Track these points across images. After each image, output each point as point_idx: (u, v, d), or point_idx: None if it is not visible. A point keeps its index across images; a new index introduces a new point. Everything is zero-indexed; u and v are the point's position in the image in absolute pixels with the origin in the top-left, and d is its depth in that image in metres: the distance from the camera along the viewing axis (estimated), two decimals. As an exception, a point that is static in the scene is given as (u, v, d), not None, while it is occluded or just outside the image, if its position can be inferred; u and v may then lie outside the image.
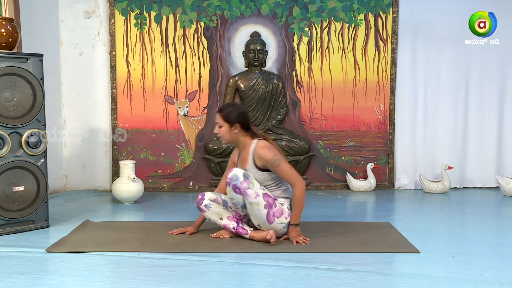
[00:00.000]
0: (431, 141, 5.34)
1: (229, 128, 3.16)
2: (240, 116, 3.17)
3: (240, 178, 3.02)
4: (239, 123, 3.15)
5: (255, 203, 3.03)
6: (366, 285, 2.42)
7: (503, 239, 3.35)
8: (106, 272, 2.67)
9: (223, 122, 3.17)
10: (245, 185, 3.01)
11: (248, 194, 3.02)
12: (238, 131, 3.16)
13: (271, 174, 3.15)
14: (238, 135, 3.18)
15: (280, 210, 3.10)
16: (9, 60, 3.34)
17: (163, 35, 5.12)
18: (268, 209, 3.05)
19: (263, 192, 3.05)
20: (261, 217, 3.06)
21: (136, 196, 4.54)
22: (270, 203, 3.05)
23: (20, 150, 3.40)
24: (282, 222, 3.11)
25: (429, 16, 5.21)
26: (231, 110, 3.18)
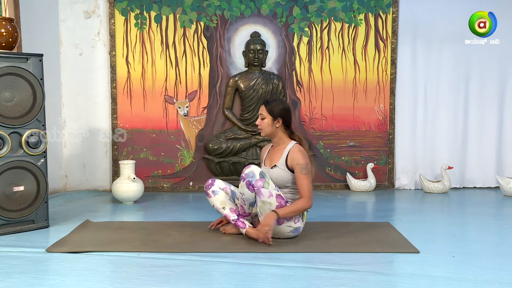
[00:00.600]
0: (431, 141, 5.34)
1: (271, 121, 3.22)
2: (285, 111, 3.23)
3: (256, 176, 3.04)
4: (282, 118, 3.21)
5: (268, 202, 3.04)
6: (366, 285, 2.42)
7: (503, 239, 3.35)
8: (106, 272, 2.67)
9: (267, 114, 3.23)
10: (260, 183, 3.03)
11: (262, 192, 3.03)
12: (280, 126, 3.22)
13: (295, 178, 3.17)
14: (279, 130, 3.23)
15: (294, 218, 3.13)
16: (9, 60, 3.34)
17: (163, 35, 5.12)
18: (281, 207, 3.06)
19: (277, 193, 3.06)
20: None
21: (136, 196, 4.54)
22: (282, 204, 3.06)
23: (20, 150, 3.40)
24: (290, 226, 3.12)
25: (429, 16, 5.21)
26: (277, 104, 3.24)
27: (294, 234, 3.18)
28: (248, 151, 5.19)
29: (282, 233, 3.13)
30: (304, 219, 3.21)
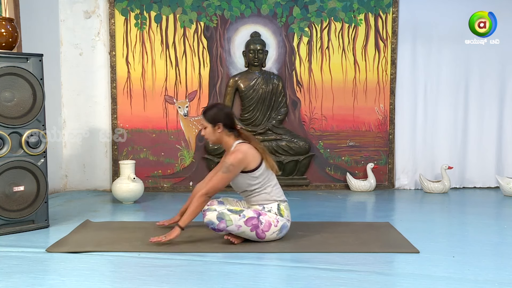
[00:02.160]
0: (431, 141, 5.34)
1: (212, 129, 3.15)
2: (222, 115, 3.15)
3: (215, 222, 3.00)
4: (221, 122, 3.13)
5: (241, 232, 3.04)
6: (366, 285, 2.42)
7: (503, 239, 3.35)
8: (106, 272, 2.67)
9: (206, 123, 3.17)
10: (223, 225, 3.00)
11: (230, 230, 3.03)
12: (222, 131, 3.15)
13: (254, 176, 3.11)
14: (222, 134, 3.16)
15: (268, 224, 3.07)
16: (9, 60, 3.34)
17: (163, 35, 5.12)
18: (255, 230, 3.04)
19: (244, 220, 3.02)
20: (252, 237, 3.07)
21: (136, 196, 4.54)
22: (255, 224, 3.04)
23: (20, 150, 3.40)
24: (273, 232, 3.10)
25: (429, 16, 5.21)
26: (213, 110, 3.17)
27: (283, 233, 3.15)
28: (248, 151, 5.19)
29: (272, 239, 3.12)
30: (284, 213, 3.15)
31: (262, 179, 3.13)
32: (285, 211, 3.18)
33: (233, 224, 3.01)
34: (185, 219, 3.03)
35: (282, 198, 3.21)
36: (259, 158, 3.12)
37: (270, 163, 3.18)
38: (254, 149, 3.13)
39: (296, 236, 3.27)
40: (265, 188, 3.15)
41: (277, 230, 3.10)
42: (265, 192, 3.15)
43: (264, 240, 3.09)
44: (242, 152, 3.07)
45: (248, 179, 3.12)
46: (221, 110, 3.19)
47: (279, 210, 3.15)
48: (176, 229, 3.04)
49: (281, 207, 3.16)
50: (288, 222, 3.18)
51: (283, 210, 3.16)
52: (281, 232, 3.13)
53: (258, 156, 3.13)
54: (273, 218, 3.10)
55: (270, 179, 3.17)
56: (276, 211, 3.14)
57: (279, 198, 3.18)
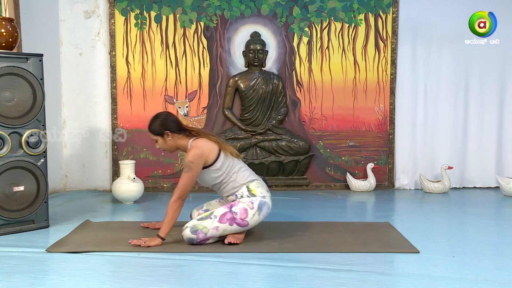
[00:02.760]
0: (431, 141, 5.34)
1: (162, 139, 3.16)
2: (165, 123, 3.14)
3: (193, 236, 3.01)
4: (166, 130, 3.13)
5: (223, 231, 3.03)
6: (366, 285, 2.42)
7: (503, 239, 3.35)
8: (106, 272, 2.67)
9: (154, 137, 3.18)
10: (202, 235, 3.01)
11: (212, 235, 3.03)
12: (172, 137, 3.15)
13: (216, 168, 3.10)
14: (174, 140, 3.17)
15: (243, 210, 3.06)
16: (9, 60, 3.34)
17: (163, 35, 5.12)
18: (233, 222, 3.04)
19: (217, 220, 3.02)
20: (237, 230, 3.07)
21: (136, 196, 4.54)
22: (230, 218, 3.03)
23: (20, 150, 3.40)
24: (253, 214, 3.07)
25: (429, 16, 5.21)
26: (155, 122, 3.16)
27: (265, 211, 3.11)
28: (248, 151, 5.19)
29: (257, 223, 3.11)
30: (255, 192, 3.11)
31: (224, 169, 3.13)
32: (257, 189, 3.14)
33: (210, 229, 3.01)
34: (164, 229, 3.04)
35: (250, 178, 3.17)
36: (216, 149, 3.12)
37: (229, 150, 3.18)
38: (209, 141, 3.14)
39: (296, 236, 3.27)
40: (231, 177, 3.14)
41: (256, 211, 3.08)
42: (232, 180, 3.14)
43: (250, 226, 3.08)
44: (198, 147, 3.08)
45: (211, 173, 3.12)
46: (162, 119, 3.17)
47: (250, 191, 3.12)
48: (156, 239, 3.04)
49: (250, 187, 3.13)
50: (264, 198, 3.13)
51: (253, 189, 3.13)
52: (261, 211, 3.10)
53: (215, 147, 3.13)
54: (246, 202, 3.09)
55: (233, 166, 3.16)
56: (247, 193, 3.12)
57: (246, 180, 3.15)
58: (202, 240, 3.02)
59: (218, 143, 3.16)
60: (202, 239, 3.02)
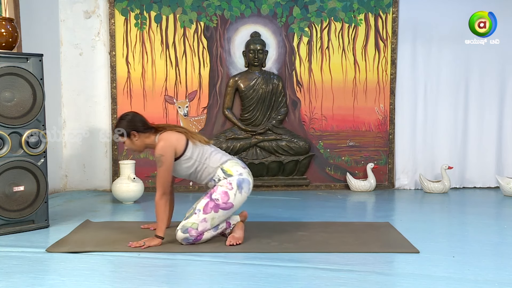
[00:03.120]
0: (431, 141, 5.34)
1: (130, 140, 3.17)
2: (131, 123, 3.14)
3: (187, 235, 3.01)
4: (132, 130, 3.14)
5: (211, 220, 3.03)
6: (366, 285, 2.42)
7: (503, 239, 3.35)
8: (106, 272, 2.67)
9: (121, 138, 3.18)
10: (194, 232, 3.01)
11: (203, 229, 3.02)
12: (138, 137, 3.15)
13: (187, 157, 3.10)
14: (142, 140, 3.17)
15: (223, 193, 3.05)
16: (9, 60, 3.34)
17: (163, 35, 5.12)
18: (218, 208, 3.03)
19: (202, 212, 3.02)
20: (225, 215, 3.07)
21: (136, 196, 4.54)
22: (214, 206, 3.03)
23: (20, 150, 3.40)
24: (234, 194, 3.05)
25: (429, 16, 5.21)
26: (121, 124, 3.17)
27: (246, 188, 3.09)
28: (248, 151, 5.19)
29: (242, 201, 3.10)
30: (231, 172, 3.09)
31: (196, 157, 3.13)
32: (232, 169, 3.12)
33: (198, 223, 3.01)
34: (160, 228, 3.05)
35: (222, 160, 3.16)
36: (183, 139, 3.12)
37: (197, 138, 3.18)
38: (175, 132, 3.14)
39: (296, 236, 3.27)
40: (204, 163, 3.13)
41: (236, 190, 3.06)
42: (205, 166, 3.13)
43: (236, 206, 3.07)
44: (164, 139, 3.08)
45: (183, 164, 3.12)
46: (128, 120, 3.16)
47: (225, 172, 3.11)
48: (156, 239, 3.04)
49: (225, 168, 3.12)
50: (241, 175, 3.11)
51: (228, 169, 3.12)
52: (241, 189, 3.08)
53: (182, 137, 3.13)
54: (224, 184, 3.08)
55: (203, 152, 3.15)
56: (223, 175, 3.11)
57: (220, 162, 3.14)
58: (197, 236, 3.02)
59: (185, 133, 3.17)
60: (196, 234, 3.01)
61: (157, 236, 3.05)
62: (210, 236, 3.09)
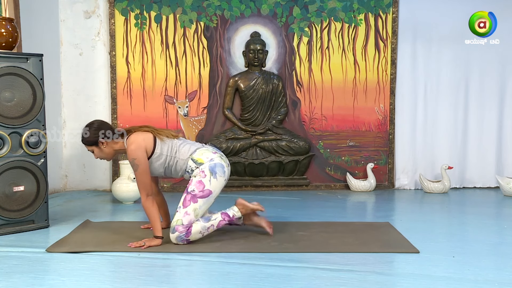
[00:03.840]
0: (431, 141, 5.34)
1: (99, 149, 3.16)
2: (97, 132, 3.13)
3: (175, 234, 3.02)
4: (100, 138, 3.12)
5: (194, 211, 3.03)
6: (366, 285, 2.42)
7: (503, 239, 3.35)
8: (106, 272, 2.67)
9: (90, 148, 3.17)
10: (181, 228, 3.02)
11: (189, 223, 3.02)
12: (106, 144, 3.15)
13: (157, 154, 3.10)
14: (110, 146, 3.16)
15: (198, 183, 3.05)
16: (9, 60, 3.34)
17: (163, 35, 5.12)
18: (198, 198, 3.03)
19: (183, 207, 3.03)
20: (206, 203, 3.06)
21: (136, 196, 4.54)
22: (192, 197, 3.03)
23: (20, 150, 3.40)
24: (209, 181, 3.05)
25: (429, 16, 5.21)
26: (85, 133, 3.15)
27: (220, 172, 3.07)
28: (248, 151, 5.19)
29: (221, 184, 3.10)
30: (201, 160, 3.09)
31: (166, 152, 3.13)
32: (202, 157, 3.12)
33: (182, 219, 3.02)
34: (155, 228, 3.05)
35: (191, 150, 3.16)
36: (150, 137, 3.12)
37: (164, 134, 3.17)
38: (141, 132, 3.14)
39: (296, 236, 3.27)
40: (174, 157, 3.14)
41: (210, 176, 3.06)
42: (176, 159, 3.14)
43: (215, 191, 3.07)
44: (132, 143, 3.07)
45: (155, 162, 3.13)
46: (93, 129, 3.15)
47: (196, 161, 3.12)
48: (155, 239, 3.05)
49: (195, 158, 3.12)
50: (212, 161, 3.10)
51: (198, 159, 3.12)
52: (215, 173, 3.08)
53: (149, 136, 3.12)
54: (198, 174, 3.09)
55: (173, 147, 3.15)
56: (194, 165, 3.12)
57: (189, 153, 3.14)
58: (186, 230, 3.01)
59: (152, 131, 3.16)
60: (184, 229, 3.01)
61: (156, 236, 3.05)
62: (201, 228, 3.06)
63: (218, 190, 3.11)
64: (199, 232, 3.07)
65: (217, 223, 3.14)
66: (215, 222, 3.13)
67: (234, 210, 3.20)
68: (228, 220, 3.17)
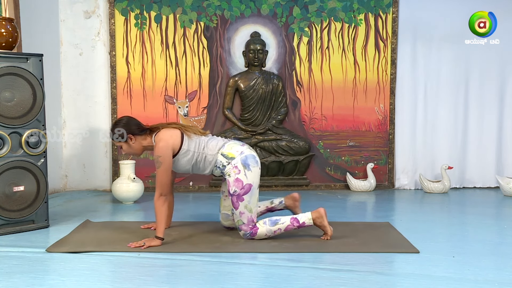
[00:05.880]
0: (431, 141, 5.34)
1: (127, 144, 3.19)
2: (126, 127, 3.17)
3: (241, 232, 3.13)
4: (129, 133, 3.16)
5: (244, 207, 3.07)
6: (366, 285, 2.42)
7: (503, 239, 3.35)
8: (106, 272, 2.67)
9: (119, 143, 3.21)
10: (244, 227, 3.11)
11: (249, 220, 3.09)
12: (135, 140, 3.18)
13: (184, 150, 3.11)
14: (139, 142, 3.19)
15: (236, 181, 3.07)
16: (9, 60, 3.34)
17: (163, 35, 5.12)
18: (241, 196, 3.06)
19: (236, 210, 3.09)
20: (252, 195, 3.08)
21: (136, 196, 4.54)
22: (237, 196, 3.07)
23: (20, 150, 3.40)
24: (244, 175, 3.07)
25: (429, 16, 5.21)
26: (115, 128, 3.19)
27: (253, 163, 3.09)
28: (248, 151, 5.19)
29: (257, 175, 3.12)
30: (232, 155, 3.09)
31: (193, 148, 3.13)
32: (231, 151, 3.13)
33: (241, 218, 3.10)
34: (159, 229, 3.05)
35: (219, 145, 3.16)
36: (178, 134, 3.13)
37: (192, 131, 3.19)
38: (169, 129, 3.15)
39: (296, 236, 3.27)
40: (202, 153, 3.14)
41: (244, 170, 3.08)
42: (204, 155, 3.14)
43: (255, 183, 3.09)
44: (162, 140, 3.08)
45: (182, 158, 3.13)
46: (123, 124, 3.19)
47: (226, 156, 3.12)
48: (155, 239, 3.05)
49: (225, 153, 3.13)
50: (242, 154, 3.11)
51: (228, 153, 3.13)
52: (248, 166, 3.09)
53: (177, 132, 3.14)
54: (232, 172, 3.10)
55: (200, 143, 3.16)
56: (225, 160, 3.12)
57: (217, 148, 3.15)
58: (250, 229, 3.10)
59: (179, 128, 3.17)
60: (248, 227, 3.10)
61: (157, 237, 3.05)
62: (267, 231, 3.12)
63: (257, 180, 3.13)
64: (264, 234, 3.13)
65: (285, 227, 3.16)
66: (282, 226, 3.15)
67: (307, 217, 3.19)
68: (297, 226, 3.18)
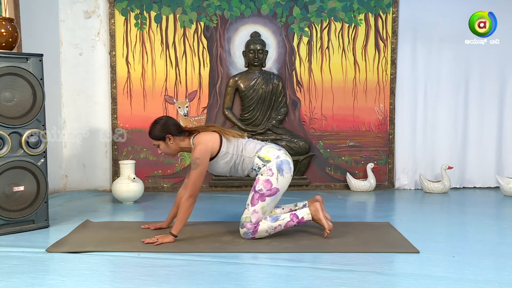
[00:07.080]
0: (431, 141, 5.34)
1: (165, 143, 3.20)
2: (165, 127, 3.18)
3: (243, 229, 3.12)
4: (167, 133, 3.17)
5: (262, 209, 3.10)
6: (366, 285, 2.42)
7: (503, 239, 3.35)
8: (106, 272, 2.67)
9: (156, 142, 3.21)
10: (249, 225, 3.11)
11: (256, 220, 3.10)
12: (173, 140, 3.19)
13: (223, 153, 3.14)
14: (176, 143, 3.21)
15: (266, 182, 3.10)
16: (9, 60, 3.34)
17: (163, 35, 5.12)
18: (264, 197, 3.09)
19: (251, 205, 3.10)
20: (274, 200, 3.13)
21: (136, 196, 4.54)
22: (260, 195, 3.09)
23: (20, 150, 3.40)
24: (276, 179, 3.10)
25: (429, 16, 5.21)
26: (155, 128, 3.19)
27: (287, 169, 3.13)
28: (248, 151, 5.19)
29: (287, 182, 3.15)
30: (269, 158, 3.12)
31: (232, 151, 3.17)
32: (268, 154, 3.16)
33: (251, 216, 3.10)
34: (177, 227, 3.07)
35: (257, 148, 3.19)
36: (217, 137, 3.16)
37: (231, 134, 3.22)
38: (210, 133, 3.18)
39: (296, 236, 3.27)
40: (241, 156, 3.17)
41: (277, 174, 3.11)
42: (243, 158, 3.17)
43: (282, 188, 3.13)
44: (202, 142, 3.11)
45: (221, 160, 3.17)
46: (163, 123, 3.20)
47: (263, 159, 3.15)
48: (169, 236, 3.07)
49: (261, 156, 3.16)
50: (278, 158, 3.14)
51: (265, 156, 3.16)
52: (282, 170, 3.13)
53: (216, 136, 3.17)
54: (265, 172, 3.13)
55: (239, 145, 3.19)
56: (262, 162, 3.15)
57: (255, 151, 3.17)
58: (253, 228, 3.09)
59: (218, 131, 3.21)
60: (252, 227, 3.09)
61: (172, 234, 3.07)
62: (267, 227, 3.13)
63: (285, 187, 3.16)
64: (265, 231, 3.14)
65: (285, 223, 3.19)
66: (282, 222, 3.18)
67: (306, 212, 3.22)
68: (297, 221, 3.20)
